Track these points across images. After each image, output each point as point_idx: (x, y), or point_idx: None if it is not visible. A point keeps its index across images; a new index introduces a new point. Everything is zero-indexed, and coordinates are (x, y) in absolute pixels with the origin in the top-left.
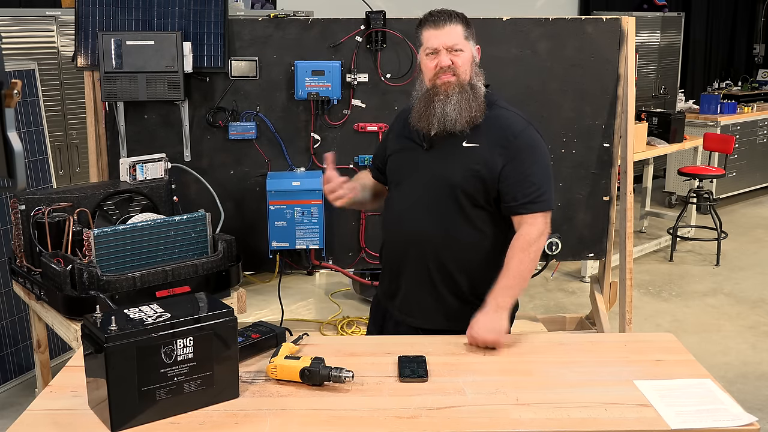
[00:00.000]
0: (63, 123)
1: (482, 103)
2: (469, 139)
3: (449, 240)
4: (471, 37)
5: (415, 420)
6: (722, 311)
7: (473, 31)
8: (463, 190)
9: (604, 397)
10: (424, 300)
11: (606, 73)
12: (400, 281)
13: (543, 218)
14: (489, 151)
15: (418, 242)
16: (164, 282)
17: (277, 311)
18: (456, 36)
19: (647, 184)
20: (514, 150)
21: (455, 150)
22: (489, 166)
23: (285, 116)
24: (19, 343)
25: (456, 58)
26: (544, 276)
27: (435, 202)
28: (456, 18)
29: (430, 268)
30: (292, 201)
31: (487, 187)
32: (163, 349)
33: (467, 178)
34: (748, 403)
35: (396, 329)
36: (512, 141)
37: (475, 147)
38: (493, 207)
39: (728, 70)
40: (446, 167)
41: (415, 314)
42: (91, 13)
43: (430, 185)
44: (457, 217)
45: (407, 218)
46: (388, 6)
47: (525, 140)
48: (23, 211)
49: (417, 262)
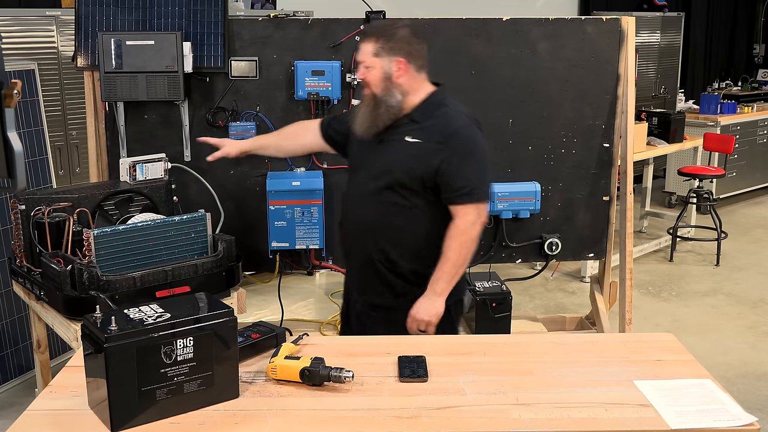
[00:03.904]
0: (63, 123)
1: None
2: (413, 135)
3: (391, 228)
4: (385, 53)
5: (415, 420)
6: (722, 311)
7: (394, 45)
8: (403, 181)
9: (604, 397)
10: (372, 280)
11: (606, 73)
12: (352, 263)
13: (475, 209)
14: (429, 146)
15: (363, 230)
16: (164, 282)
17: (277, 311)
18: (364, 54)
19: (647, 184)
20: (451, 146)
21: (400, 145)
22: (428, 161)
23: (285, 116)
24: (19, 343)
25: (367, 74)
26: (544, 276)
27: (378, 192)
28: (369, 36)
29: (374, 254)
30: (292, 201)
31: (425, 180)
32: (163, 349)
33: (407, 171)
34: (748, 403)
35: (356, 306)
36: (449, 137)
37: (418, 143)
38: (432, 196)
39: (728, 70)
40: (390, 160)
41: (367, 292)
42: (91, 13)
43: (376, 176)
44: (398, 207)
45: (355, 207)
46: (388, 6)
47: (462, 137)
48: (23, 211)
49: (363, 247)
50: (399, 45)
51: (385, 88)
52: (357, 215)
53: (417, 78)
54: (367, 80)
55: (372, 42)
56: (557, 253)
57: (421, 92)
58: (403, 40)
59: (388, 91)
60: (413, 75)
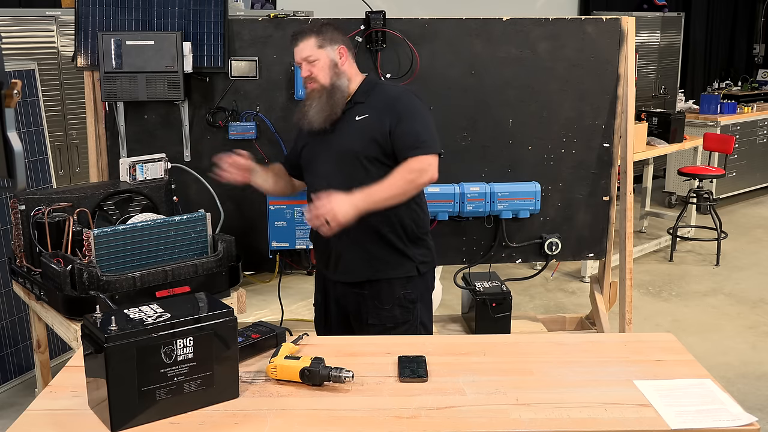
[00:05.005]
0: (63, 123)
1: (343, 98)
2: (359, 113)
3: None
4: (327, 43)
5: (415, 420)
6: (722, 311)
7: (332, 35)
8: (365, 154)
9: (604, 397)
10: (352, 257)
11: (606, 73)
12: (329, 246)
13: (427, 159)
14: (377, 117)
15: None
16: (164, 282)
17: (277, 311)
18: (308, 49)
19: (647, 184)
20: (396, 110)
21: (350, 126)
22: (380, 129)
23: (285, 116)
24: (19, 343)
25: (312, 68)
26: (544, 276)
27: (342, 169)
28: (306, 33)
29: (356, 229)
30: (292, 201)
31: (383, 147)
32: (163, 349)
33: (365, 143)
34: (748, 403)
35: (335, 289)
36: (395, 104)
37: (366, 118)
38: (392, 162)
39: (728, 70)
40: (347, 141)
41: (346, 271)
42: (91, 13)
43: (337, 159)
44: (364, 177)
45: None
46: (388, 6)
47: (402, 101)
48: (23, 211)
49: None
50: (335, 35)
51: (334, 75)
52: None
53: (354, 65)
54: (313, 74)
55: (311, 37)
56: (557, 253)
57: (358, 78)
58: (336, 32)
59: (338, 77)
60: (351, 62)
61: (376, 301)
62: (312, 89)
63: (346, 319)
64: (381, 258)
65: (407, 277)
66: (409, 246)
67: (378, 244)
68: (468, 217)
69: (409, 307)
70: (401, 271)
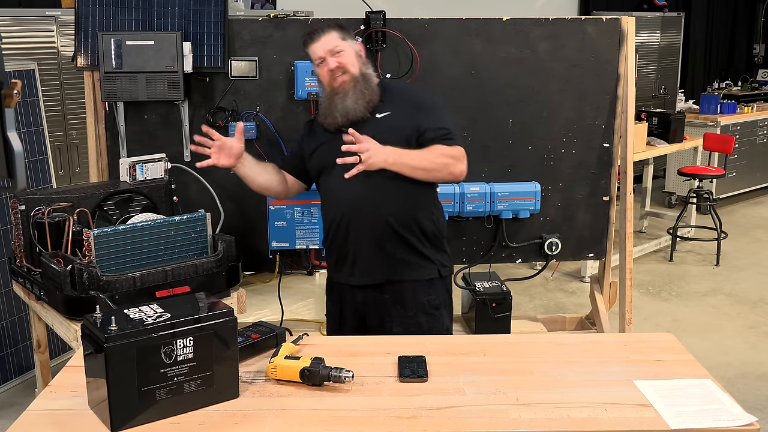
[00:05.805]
0: (63, 123)
1: (376, 86)
2: (379, 110)
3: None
4: (348, 36)
5: (415, 420)
6: (722, 311)
7: (349, 31)
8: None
9: (604, 397)
10: (370, 257)
11: (606, 73)
12: (348, 250)
13: (463, 152)
14: (401, 113)
15: (359, 209)
16: (164, 282)
17: (277, 311)
18: (333, 40)
19: (647, 184)
20: (423, 107)
21: (374, 123)
22: (406, 124)
23: (285, 116)
24: (19, 343)
25: (340, 58)
26: (544, 276)
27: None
28: (326, 27)
29: (375, 229)
30: (292, 201)
31: (409, 142)
32: (163, 349)
33: (389, 140)
34: (748, 403)
35: (354, 297)
36: (419, 100)
37: (389, 115)
38: None
39: (728, 70)
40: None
41: (365, 273)
42: (91, 13)
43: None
44: (390, 177)
45: (346, 193)
46: (388, 6)
47: (422, 98)
48: (23, 211)
49: (361, 228)
50: (350, 33)
51: (362, 65)
52: (351, 199)
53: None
54: (342, 63)
55: (333, 30)
56: (557, 253)
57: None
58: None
59: (366, 66)
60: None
61: (399, 307)
62: (342, 81)
63: (363, 328)
64: (399, 258)
65: (429, 280)
66: (428, 248)
67: (395, 244)
68: (468, 217)
69: (434, 313)
70: (422, 273)
